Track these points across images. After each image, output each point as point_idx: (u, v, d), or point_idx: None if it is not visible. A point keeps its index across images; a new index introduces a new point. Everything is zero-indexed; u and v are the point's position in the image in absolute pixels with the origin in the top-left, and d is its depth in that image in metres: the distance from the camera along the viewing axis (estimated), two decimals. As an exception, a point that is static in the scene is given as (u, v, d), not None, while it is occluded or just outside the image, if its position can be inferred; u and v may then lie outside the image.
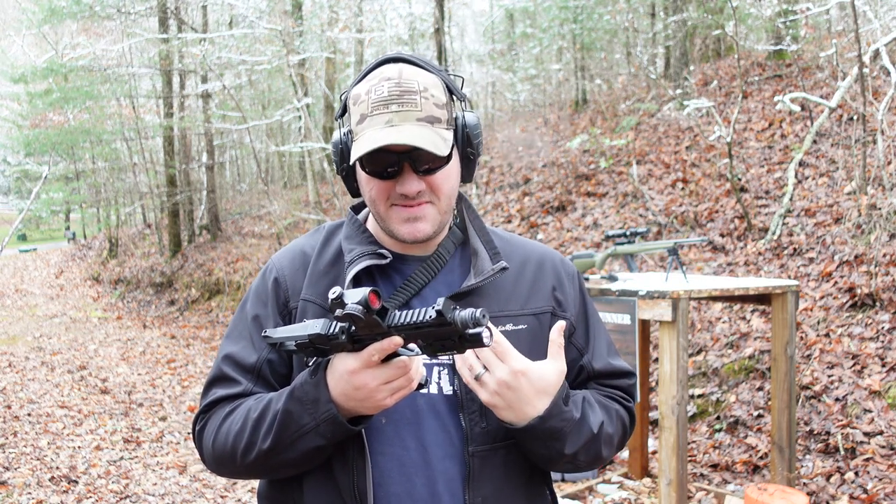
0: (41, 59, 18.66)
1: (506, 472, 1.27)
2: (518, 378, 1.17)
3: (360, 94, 1.23)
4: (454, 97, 1.29)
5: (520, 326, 1.31)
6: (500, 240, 1.38)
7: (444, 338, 1.03)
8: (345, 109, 1.30)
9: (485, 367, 1.19)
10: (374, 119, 1.19)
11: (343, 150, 1.29)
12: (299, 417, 1.16)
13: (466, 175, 1.32)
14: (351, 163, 1.24)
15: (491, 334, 1.03)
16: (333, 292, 1.02)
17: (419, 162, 1.21)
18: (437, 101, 1.22)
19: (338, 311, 1.03)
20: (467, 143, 1.28)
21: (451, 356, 1.24)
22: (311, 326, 1.13)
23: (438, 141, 1.19)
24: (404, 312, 1.04)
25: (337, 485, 1.23)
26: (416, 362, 1.12)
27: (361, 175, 1.27)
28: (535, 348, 1.31)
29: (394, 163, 1.20)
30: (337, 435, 1.16)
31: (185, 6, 15.48)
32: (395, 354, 1.10)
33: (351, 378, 1.11)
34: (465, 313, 1.00)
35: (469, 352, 1.17)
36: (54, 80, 16.81)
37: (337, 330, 1.09)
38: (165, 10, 14.88)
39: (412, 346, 1.10)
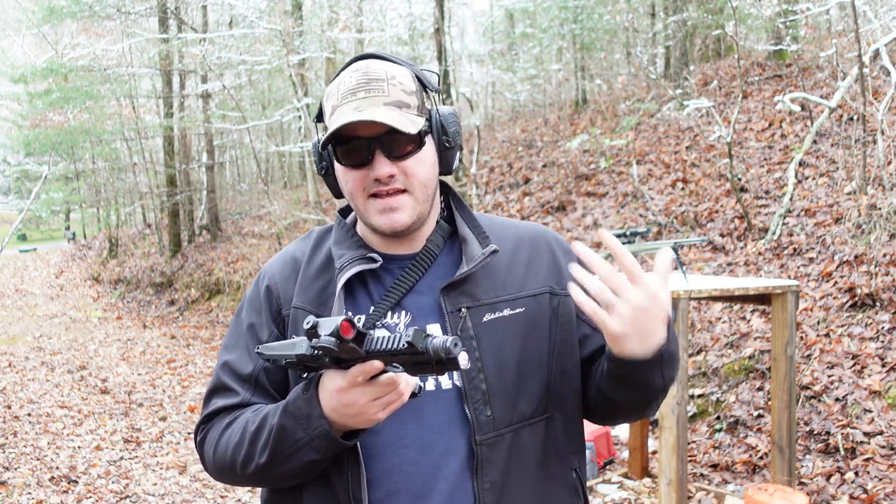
0: (41, 59, 18.67)
1: (511, 457, 1.26)
2: (654, 302, 1.09)
3: (332, 90, 1.26)
4: (427, 90, 1.30)
5: (517, 310, 1.30)
6: (489, 224, 1.38)
7: (421, 363, 1.03)
8: (321, 111, 1.32)
9: (614, 294, 1.10)
10: (343, 108, 1.21)
11: (321, 149, 1.31)
12: (293, 432, 1.17)
13: (444, 166, 1.32)
14: (321, 148, 1.27)
15: (468, 358, 1.02)
16: (307, 322, 1.03)
17: (391, 148, 1.22)
18: (405, 88, 1.24)
19: (313, 341, 1.04)
20: (442, 132, 1.28)
21: (432, 376, 1.24)
22: (298, 346, 1.13)
23: (406, 122, 1.20)
24: (380, 338, 1.05)
25: (334, 492, 1.23)
26: (403, 376, 1.11)
27: (339, 170, 1.28)
28: (533, 331, 1.31)
29: (365, 150, 1.22)
30: (331, 449, 1.17)
31: (185, 6, 15.48)
32: (382, 370, 1.10)
33: (340, 396, 1.11)
34: (437, 342, 0.99)
35: (595, 279, 1.10)
36: (54, 80, 16.81)
37: (319, 353, 1.10)
38: (165, 10, 14.87)
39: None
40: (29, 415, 6.79)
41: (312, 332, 1.03)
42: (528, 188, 10.37)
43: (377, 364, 1.06)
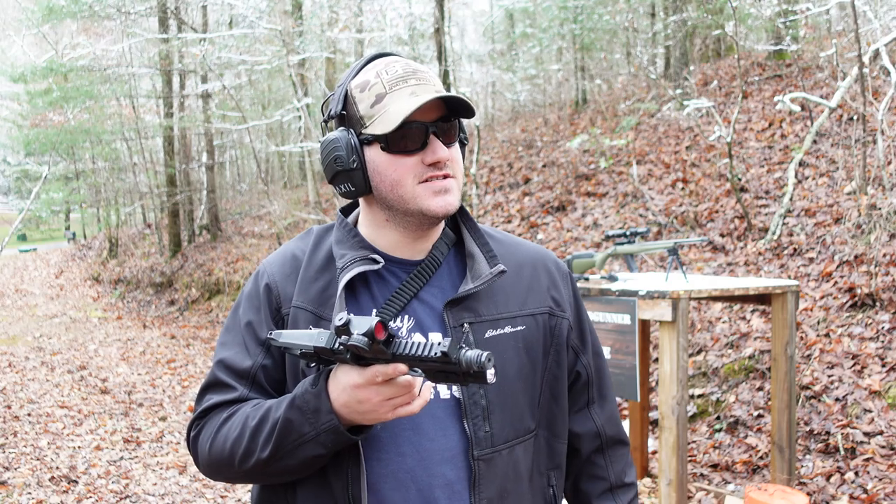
0: (41, 58, 18.66)
1: (506, 473, 1.28)
2: None
3: (369, 80, 1.25)
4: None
5: (517, 328, 1.31)
6: (494, 241, 1.38)
7: (448, 372, 1.04)
8: (345, 103, 1.27)
9: None
10: (395, 94, 1.22)
11: (351, 144, 1.25)
12: (300, 426, 1.16)
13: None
14: (390, 130, 1.20)
15: (495, 372, 1.03)
16: (340, 318, 1.03)
17: (444, 133, 1.24)
18: (439, 82, 1.27)
19: (343, 338, 1.04)
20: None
21: (453, 385, 1.25)
22: (317, 338, 1.13)
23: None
24: (410, 343, 1.05)
25: (331, 491, 1.23)
26: (420, 381, 1.12)
27: (379, 161, 1.24)
28: (531, 350, 1.32)
29: (422, 135, 1.22)
30: (337, 444, 1.17)
31: (185, 6, 15.47)
32: None
33: (354, 392, 1.11)
34: (470, 355, 1.00)
35: None
36: (54, 80, 16.81)
37: (342, 348, 1.10)
38: (165, 10, 14.87)
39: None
40: (29, 415, 6.79)
41: (344, 329, 1.03)
42: (528, 188, 10.37)
43: (402, 368, 1.06)
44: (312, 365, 1.20)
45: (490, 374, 1.01)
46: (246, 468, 1.23)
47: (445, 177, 1.25)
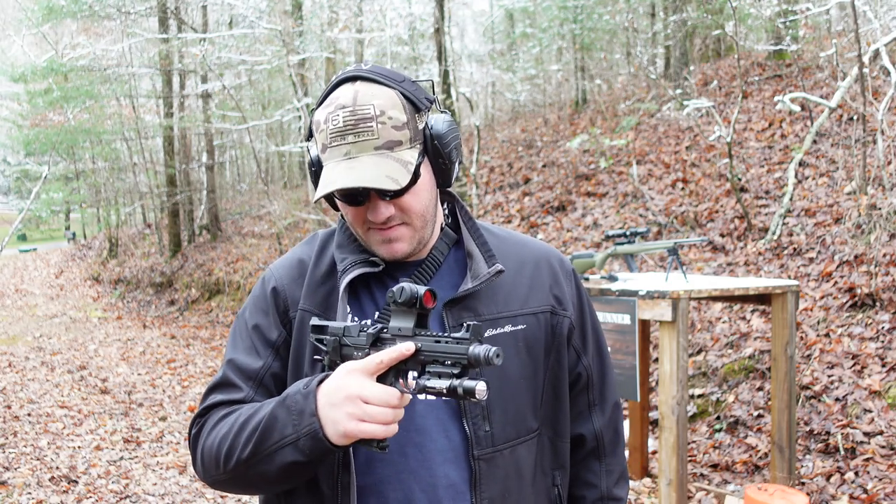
0: (41, 58, 18.64)
1: (508, 473, 1.27)
2: None
3: (320, 122, 1.22)
4: (421, 107, 1.24)
5: (518, 327, 1.31)
6: (495, 238, 1.37)
7: (449, 364, 1.05)
8: (311, 132, 1.29)
9: None
10: (333, 151, 1.20)
11: (317, 172, 1.27)
12: (283, 426, 1.14)
13: (443, 182, 1.28)
14: (313, 202, 1.28)
15: (486, 389, 1.03)
16: (391, 293, 1.12)
17: (384, 191, 1.19)
18: (395, 124, 1.19)
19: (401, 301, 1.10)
20: (437, 154, 1.24)
21: (440, 397, 1.23)
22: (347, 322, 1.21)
23: (397, 169, 1.18)
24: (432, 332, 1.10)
25: (322, 500, 1.23)
26: (401, 411, 1.11)
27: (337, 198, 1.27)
28: (532, 349, 1.32)
29: (361, 192, 1.20)
30: (315, 451, 1.12)
31: (185, 6, 15.47)
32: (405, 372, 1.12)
33: (345, 375, 1.11)
34: (480, 349, 1.02)
35: None
36: (54, 80, 16.80)
37: (369, 325, 1.14)
38: (165, 10, 14.87)
39: (409, 382, 1.10)
40: (29, 415, 6.79)
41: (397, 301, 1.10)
42: (528, 188, 10.37)
43: (410, 346, 1.08)
44: (316, 357, 1.23)
45: (480, 392, 1.02)
46: (229, 468, 1.20)
47: (392, 227, 1.24)
